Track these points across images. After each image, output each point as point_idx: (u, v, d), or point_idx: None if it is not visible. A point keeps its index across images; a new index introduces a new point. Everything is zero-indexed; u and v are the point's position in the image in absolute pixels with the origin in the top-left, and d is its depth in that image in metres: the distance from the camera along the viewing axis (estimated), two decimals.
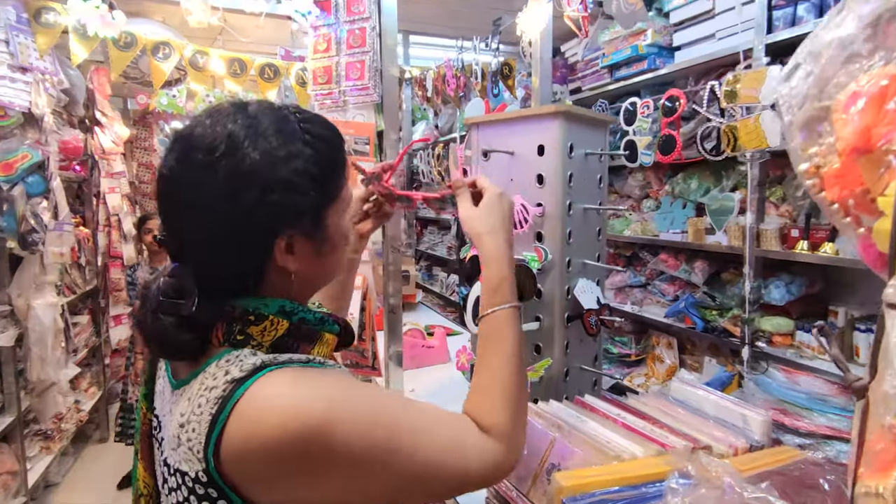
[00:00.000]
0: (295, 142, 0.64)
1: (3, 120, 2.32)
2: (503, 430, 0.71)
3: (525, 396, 0.79)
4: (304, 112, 0.68)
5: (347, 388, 0.61)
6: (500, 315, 0.80)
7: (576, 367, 1.22)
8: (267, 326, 0.64)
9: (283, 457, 0.56)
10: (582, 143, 1.20)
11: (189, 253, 0.65)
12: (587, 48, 2.87)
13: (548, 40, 1.72)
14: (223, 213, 0.61)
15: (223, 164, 0.60)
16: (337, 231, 0.70)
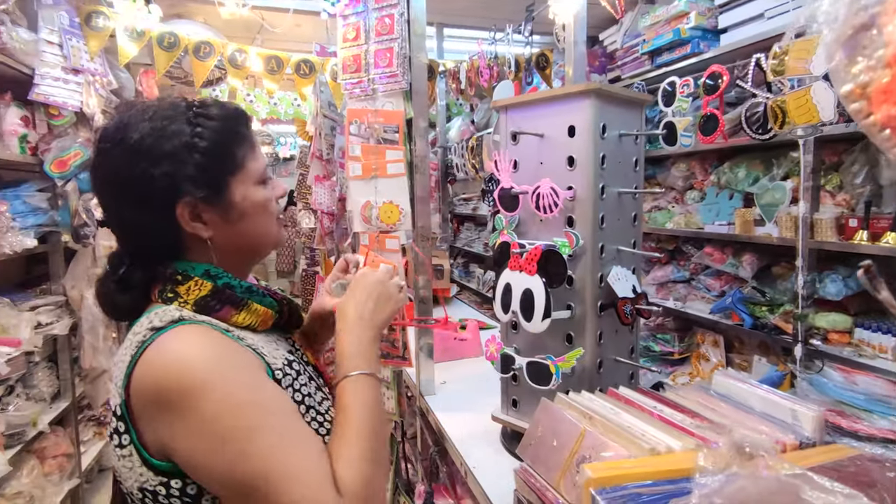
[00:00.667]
0: (178, 122, 0.74)
1: (58, 119, 2.44)
2: (354, 491, 0.68)
3: (383, 462, 0.76)
4: (205, 101, 0.79)
5: (238, 369, 0.69)
6: (365, 379, 0.79)
7: (610, 358, 1.17)
8: (191, 286, 0.75)
9: (159, 398, 0.66)
10: (616, 124, 1.14)
11: (116, 226, 0.78)
12: (626, 35, 2.77)
13: (582, 24, 1.66)
14: (125, 186, 0.73)
15: (118, 146, 0.73)
16: (245, 200, 0.79)
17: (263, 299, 0.81)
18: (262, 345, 0.78)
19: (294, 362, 0.82)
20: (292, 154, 8.27)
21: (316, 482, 0.65)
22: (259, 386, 0.70)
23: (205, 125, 0.76)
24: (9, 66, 2.16)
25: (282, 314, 0.85)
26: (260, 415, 0.67)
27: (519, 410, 1.25)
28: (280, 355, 0.80)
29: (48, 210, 2.43)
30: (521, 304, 1.11)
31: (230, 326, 0.76)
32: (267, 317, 0.81)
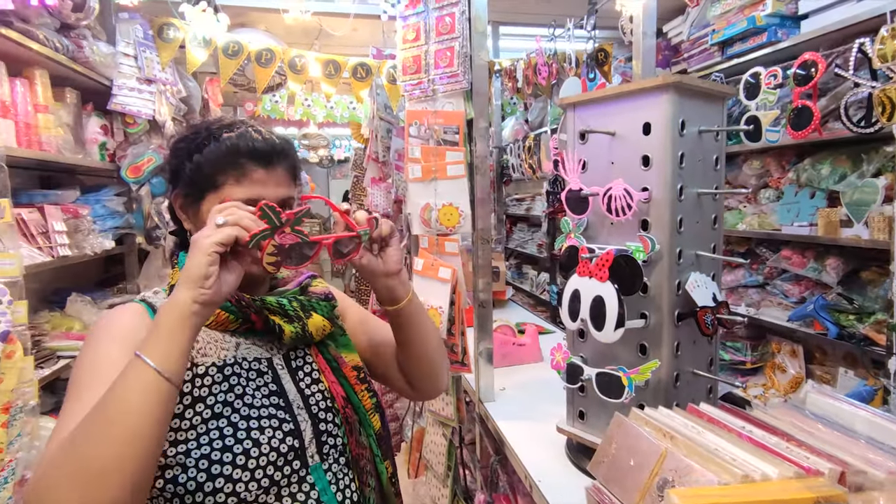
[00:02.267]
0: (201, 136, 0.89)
1: (133, 127, 2.57)
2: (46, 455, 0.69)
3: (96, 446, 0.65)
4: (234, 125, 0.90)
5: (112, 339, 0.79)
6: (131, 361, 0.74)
7: (687, 371, 1.09)
8: (174, 273, 0.89)
9: None
10: (695, 120, 1.06)
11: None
12: (694, 25, 2.63)
13: (651, 15, 1.57)
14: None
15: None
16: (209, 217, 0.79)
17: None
18: (201, 338, 0.83)
19: (236, 367, 0.84)
20: (346, 156, 8.45)
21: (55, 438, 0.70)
22: (111, 359, 0.75)
23: (210, 145, 0.87)
24: (90, 78, 2.29)
25: (246, 320, 0.85)
26: (90, 373, 0.76)
27: (587, 423, 1.19)
28: (218, 356, 0.84)
29: (124, 213, 2.56)
30: (591, 311, 1.05)
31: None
32: (220, 318, 0.84)
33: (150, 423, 0.66)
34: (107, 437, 0.64)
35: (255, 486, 0.78)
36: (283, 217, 0.77)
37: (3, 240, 1.42)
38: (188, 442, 0.77)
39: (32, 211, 1.97)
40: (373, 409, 0.95)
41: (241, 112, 5.11)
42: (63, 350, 2.03)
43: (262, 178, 0.86)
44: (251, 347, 0.88)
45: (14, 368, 1.37)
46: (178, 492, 0.76)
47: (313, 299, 0.94)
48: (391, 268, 0.90)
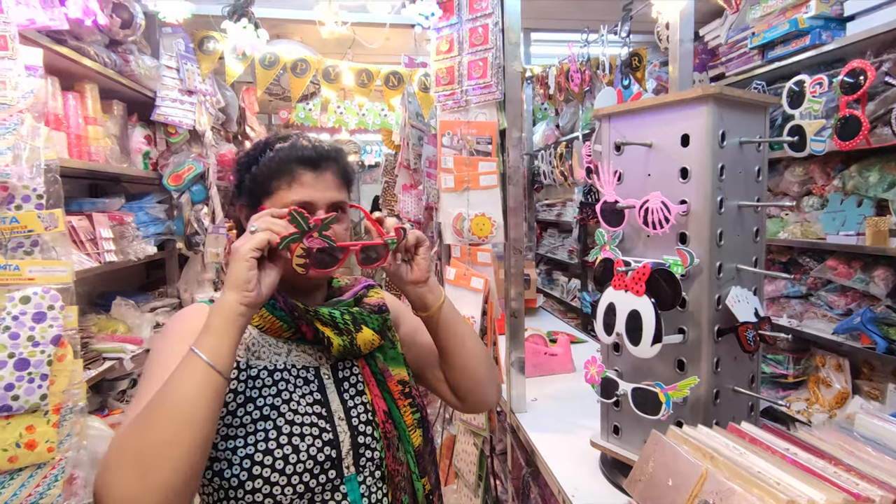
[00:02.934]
0: (257, 150, 0.96)
1: (174, 137, 2.67)
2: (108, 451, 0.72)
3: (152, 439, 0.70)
4: (287, 137, 0.96)
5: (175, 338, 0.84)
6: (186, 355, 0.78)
7: (728, 388, 1.06)
8: None
9: None
10: (736, 131, 1.04)
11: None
12: (732, 28, 2.56)
13: (689, 21, 1.55)
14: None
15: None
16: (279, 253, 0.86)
17: (275, 311, 0.89)
18: (254, 343, 0.89)
19: (286, 373, 0.88)
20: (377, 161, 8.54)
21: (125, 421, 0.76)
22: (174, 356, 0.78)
23: (264, 157, 0.93)
24: (136, 90, 2.39)
25: (297, 329, 0.89)
26: (157, 366, 0.81)
27: (622, 438, 1.17)
28: (271, 361, 0.89)
29: (165, 220, 2.66)
30: (627, 325, 1.04)
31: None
32: (273, 325, 0.89)
33: (201, 410, 0.71)
34: (163, 421, 0.70)
35: (290, 491, 0.81)
36: (311, 222, 0.82)
37: (56, 248, 1.49)
38: (237, 439, 0.82)
39: (82, 218, 2.06)
40: (414, 425, 0.95)
41: (276, 119, 5.23)
42: (108, 352, 2.12)
43: (311, 182, 0.91)
44: (301, 355, 0.91)
45: (65, 371, 1.43)
46: (222, 485, 0.81)
47: (365, 312, 0.95)
48: (419, 276, 0.93)
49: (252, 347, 0.88)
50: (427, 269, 0.94)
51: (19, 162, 1.39)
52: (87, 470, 1.54)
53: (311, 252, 0.82)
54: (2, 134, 1.35)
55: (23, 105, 1.41)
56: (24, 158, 1.41)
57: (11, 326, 1.35)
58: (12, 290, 1.36)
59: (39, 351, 1.38)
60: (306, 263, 0.82)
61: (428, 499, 0.96)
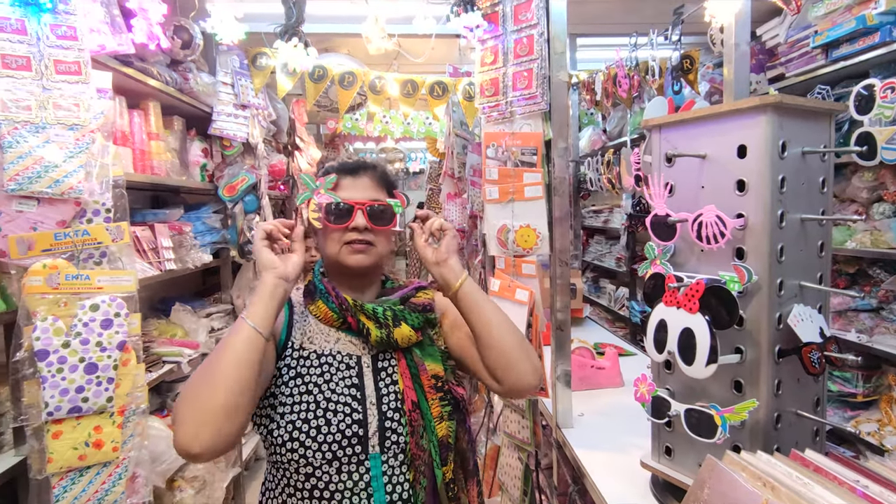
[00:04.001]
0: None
1: (229, 150, 2.78)
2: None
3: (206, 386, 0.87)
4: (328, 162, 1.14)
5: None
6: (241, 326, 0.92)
7: (790, 412, 1.00)
8: (309, 276, 1.10)
9: None
10: (798, 140, 0.98)
11: None
12: (792, 27, 2.44)
13: (745, 23, 1.48)
14: None
15: None
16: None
17: (327, 302, 1.04)
18: (312, 329, 1.05)
19: (331, 358, 1.03)
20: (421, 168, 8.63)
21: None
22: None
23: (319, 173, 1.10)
24: (194, 106, 2.51)
25: (345, 320, 1.03)
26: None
27: (674, 460, 1.12)
28: (322, 346, 1.04)
29: (220, 229, 2.77)
30: (680, 344, 1.00)
31: (300, 304, 1.10)
32: (327, 315, 1.04)
33: (244, 362, 0.89)
34: (220, 364, 0.88)
35: (320, 456, 0.95)
36: (317, 181, 1.03)
37: (122, 258, 1.59)
38: (284, 406, 0.98)
39: (145, 229, 2.18)
40: (441, 417, 1.03)
41: (324, 129, 5.38)
42: (167, 355, 2.23)
43: (349, 185, 1.07)
44: (347, 344, 1.05)
45: (129, 375, 1.52)
46: (273, 441, 0.97)
47: (407, 310, 1.07)
48: (438, 257, 1.07)
49: (308, 334, 1.05)
50: (447, 249, 1.07)
51: (90, 179, 1.49)
52: (148, 469, 1.62)
53: (321, 206, 1.02)
54: (75, 153, 1.45)
55: (94, 125, 1.50)
56: (95, 175, 1.51)
57: (82, 332, 1.44)
58: (83, 299, 1.46)
59: (106, 356, 1.46)
60: (319, 217, 1.02)
61: (448, 486, 1.03)
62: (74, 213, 1.49)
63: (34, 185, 1.40)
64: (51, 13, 1.44)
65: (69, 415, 1.40)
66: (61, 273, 1.43)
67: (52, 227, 1.46)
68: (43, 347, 1.37)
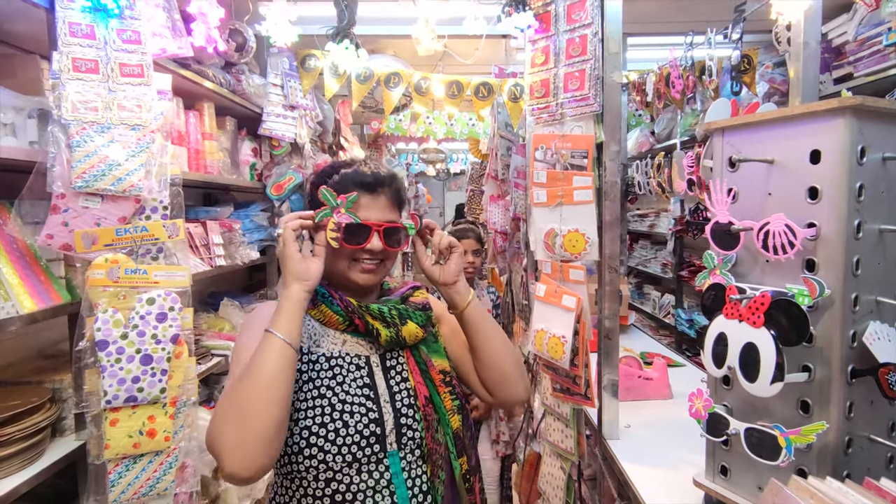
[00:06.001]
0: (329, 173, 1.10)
1: (277, 150, 2.85)
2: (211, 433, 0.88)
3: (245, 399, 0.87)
4: (349, 164, 1.10)
5: (254, 329, 0.96)
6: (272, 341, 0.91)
7: (862, 436, 0.94)
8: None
9: None
10: (879, 146, 0.92)
11: None
12: (863, 24, 2.30)
13: (815, 21, 1.41)
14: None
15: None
16: (320, 237, 1.01)
17: (332, 307, 1.03)
18: (318, 333, 1.04)
19: (340, 360, 1.02)
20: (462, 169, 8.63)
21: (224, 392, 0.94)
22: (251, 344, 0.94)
23: (331, 179, 1.06)
24: (245, 107, 2.58)
25: (351, 322, 1.03)
26: (243, 352, 0.96)
27: (730, 481, 1.07)
28: (329, 349, 1.03)
29: (267, 227, 2.84)
30: (741, 360, 0.95)
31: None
32: (333, 320, 1.03)
33: (280, 377, 0.89)
34: (255, 386, 0.87)
35: (340, 459, 0.95)
36: (338, 199, 0.99)
37: (177, 254, 1.64)
38: (298, 412, 0.97)
39: (197, 226, 2.25)
40: (454, 409, 1.05)
41: (367, 130, 5.44)
42: (216, 349, 2.29)
43: (367, 203, 1.04)
44: (354, 345, 1.05)
45: (181, 367, 1.57)
46: (286, 451, 0.96)
47: (410, 308, 1.08)
48: (447, 279, 1.08)
49: (314, 337, 1.03)
50: (455, 273, 1.08)
51: (150, 177, 1.55)
52: (197, 458, 1.67)
53: (340, 227, 0.98)
54: (137, 152, 1.51)
55: (154, 126, 1.56)
56: (154, 174, 1.56)
57: (139, 325, 1.49)
58: (140, 293, 1.51)
59: (161, 348, 1.51)
60: (337, 238, 0.98)
61: (465, 478, 1.04)
62: (134, 209, 1.55)
63: (99, 182, 1.46)
64: (117, 18, 1.50)
65: (126, 403, 1.46)
66: (121, 267, 1.49)
67: (114, 223, 1.52)
68: (103, 338, 1.43)
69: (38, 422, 1.39)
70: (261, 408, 0.86)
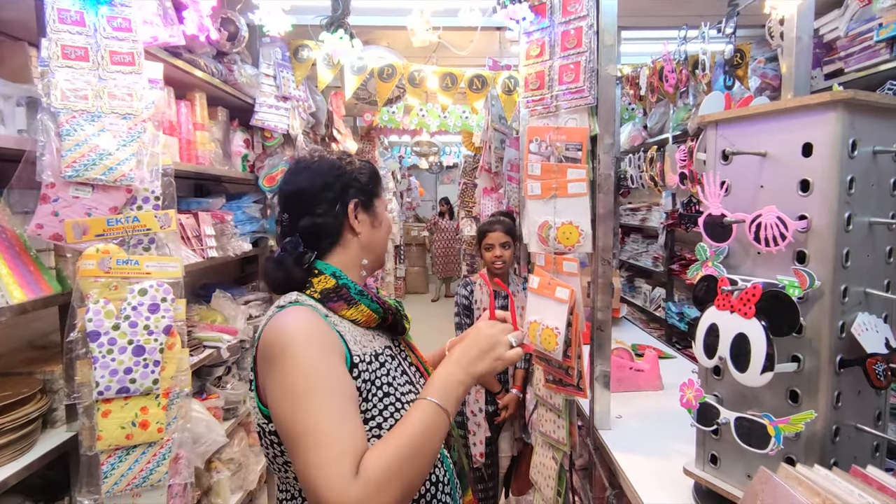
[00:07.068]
0: (352, 162, 1.11)
1: (270, 141, 2.82)
2: (371, 475, 0.78)
3: (413, 476, 0.83)
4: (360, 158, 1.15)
5: (319, 346, 0.89)
6: (431, 405, 0.88)
7: (849, 425, 0.95)
8: (322, 279, 1.01)
9: (266, 352, 0.90)
10: (870, 139, 0.93)
11: (297, 227, 1.03)
12: (854, 20, 2.31)
13: (808, 16, 1.41)
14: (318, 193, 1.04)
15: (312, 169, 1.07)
16: (381, 214, 1.12)
17: (371, 304, 1.02)
18: (355, 335, 0.99)
19: (383, 356, 1.01)
20: (455, 162, 8.62)
21: (337, 453, 0.79)
22: (330, 366, 0.88)
23: (365, 167, 1.12)
24: (237, 97, 2.56)
25: (385, 319, 1.04)
26: (320, 386, 0.85)
27: (720, 469, 1.09)
28: (371, 347, 1.00)
29: (260, 219, 2.82)
30: (732, 350, 0.96)
31: (329, 313, 0.98)
32: (370, 318, 1.02)
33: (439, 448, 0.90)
34: (422, 460, 0.85)
35: None
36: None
37: (169, 245, 1.63)
38: (375, 419, 0.93)
39: (189, 217, 2.23)
40: None
41: (360, 122, 5.41)
42: (208, 340, 2.28)
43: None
44: (381, 339, 1.06)
45: (174, 359, 1.56)
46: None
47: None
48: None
49: (355, 340, 0.99)
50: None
51: (141, 167, 1.53)
52: (190, 450, 1.67)
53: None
54: (128, 142, 1.50)
55: (145, 115, 1.54)
56: (146, 163, 1.55)
57: (131, 316, 1.48)
58: (132, 283, 1.50)
59: (153, 339, 1.50)
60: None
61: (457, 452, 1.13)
62: (126, 199, 1.54)
63: (89, 171, 1.44)
64: (107, 5, 1.48)
65: (118, 395, 1.45)
66: (113, 258, 1.47)
67: (105, 213, 1.50)
68: (95, 329, 1.42)
69: (29, 413, 1.38)
70: (421, 479, 0.85)
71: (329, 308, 0.98)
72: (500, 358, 0.95)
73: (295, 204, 1.05)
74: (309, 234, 1.03)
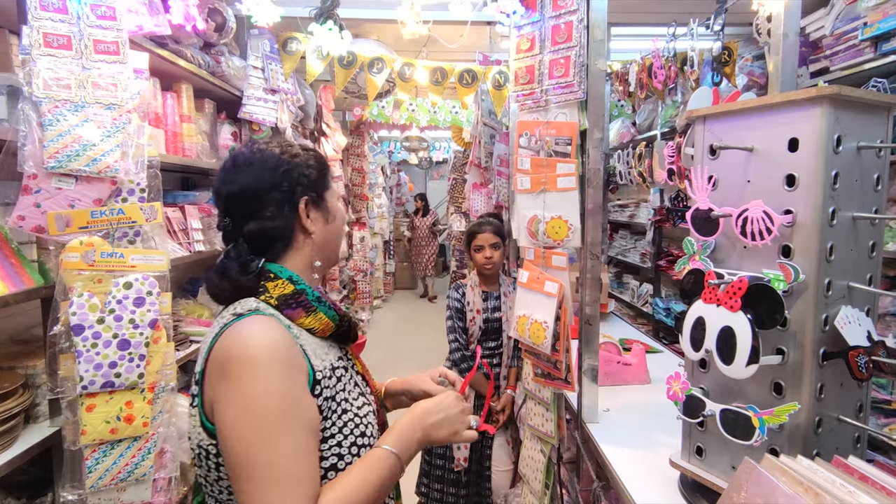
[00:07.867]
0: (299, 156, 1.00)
1: (258, 134, 2.79)
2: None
3: None
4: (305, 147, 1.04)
5: (285, 365, 0.82)
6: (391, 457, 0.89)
7: (832, 416, 0.97)
8: (278, 284, 0.92)
9: (222, 365, 0.81)
10: (854, 135, 0.94)
11: (242, 229, 0.93)
12: (840, 18, 2.34)
13: (795, 14, 1.42)
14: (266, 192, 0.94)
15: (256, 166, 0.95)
16: (333, 206, 1.04)
17: (328, 311, 0.95)
18: (314, 347, 0.92)
19: (339, 369, 0.96)
20: (445, 157, 8.60)
21: (295, 496, 0.77)
22: (295, 392, 0.83)
23: (311, 157, 1.02)
24: (225, 89, 2.53)
25: (340, 327, 0.98)
26: (285, 417, 0.80)
27: (705, 460, 1.10)
28: (328, 360, 0.94)
29: None
30: (718, 343, 0.97)
31: (292, 324, 0.91)
32: (328, 326, 0.95)
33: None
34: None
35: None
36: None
37: (155, 238, 1.61)
38: (335, 436, 0.89)
39: (175, 210, 2.20)
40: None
41: (349, 116, 5.38)
42: (195, 335, 2.26)
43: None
44: (332, 350, 0.99)
45: (159, 353, 1.54)
46: (330, 477, 0.88)
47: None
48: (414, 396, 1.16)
49: (315, 352, 0.91)
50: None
51: (126, 158, 1.51)
52: (175, 444, 1.65)
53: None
54: (112, 133, 1.47)
55: (130, 105, 1.52)
56: (131, 155, 1.53)
57: (116, 309, 1.46)
58: (117, 276, 1.48)
59: (139, 333, 1.49)
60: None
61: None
62: (110, 191, 1.52)
63: (73, 162, 1.42)
64: None
65: (102, 389, 1.43)
66: (97, 250, 1.45)
67: (89, 204, 1.48)
68: (79, 322, 1.40)
69: (11, 408, 1.36)
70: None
71: (286, 316, 0.90)
72: (457, 433, 0.99)
73: (238, 206, 0.94)
74: (256, 240, 0.93)
